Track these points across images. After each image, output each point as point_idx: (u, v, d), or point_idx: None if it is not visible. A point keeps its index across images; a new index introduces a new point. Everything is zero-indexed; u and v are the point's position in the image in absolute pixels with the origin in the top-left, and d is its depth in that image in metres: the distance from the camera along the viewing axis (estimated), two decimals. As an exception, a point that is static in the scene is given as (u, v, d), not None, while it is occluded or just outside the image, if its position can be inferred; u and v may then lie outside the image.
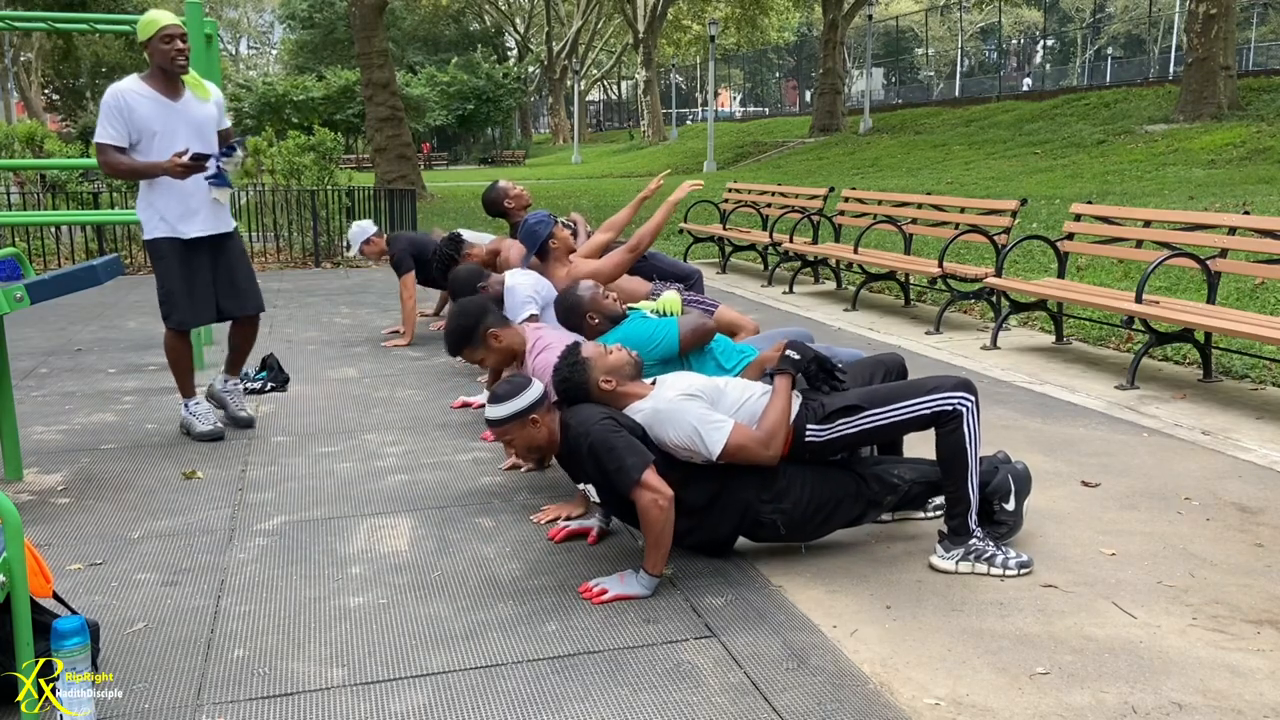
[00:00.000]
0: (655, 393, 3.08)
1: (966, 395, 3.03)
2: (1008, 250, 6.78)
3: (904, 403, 3.05)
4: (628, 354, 3.17)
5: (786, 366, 3.13)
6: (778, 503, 3.05)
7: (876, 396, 3.11)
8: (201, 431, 4.58)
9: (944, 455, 3.05)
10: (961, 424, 3.00)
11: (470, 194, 24.83)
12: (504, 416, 2.97)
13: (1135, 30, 48.34)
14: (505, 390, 3.00)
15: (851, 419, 3.07)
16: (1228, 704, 2.34)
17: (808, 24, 54.29)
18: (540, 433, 3.01)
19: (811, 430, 3.09)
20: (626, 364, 3.13)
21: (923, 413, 3.03)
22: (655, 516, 2.84)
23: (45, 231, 11.52)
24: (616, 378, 3.09)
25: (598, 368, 3.08)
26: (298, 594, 2.99)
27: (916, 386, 3.11)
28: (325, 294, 9.33)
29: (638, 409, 3.03)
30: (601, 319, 3.80)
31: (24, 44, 39.59)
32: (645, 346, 3.60)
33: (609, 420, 2.94)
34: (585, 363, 3.08)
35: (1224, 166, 16.57)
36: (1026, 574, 3.03)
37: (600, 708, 2.36)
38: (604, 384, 3.07)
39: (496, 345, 3.82)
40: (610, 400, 3.08)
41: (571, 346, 3.18)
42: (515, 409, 2.96)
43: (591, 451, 2.88)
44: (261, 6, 69.59)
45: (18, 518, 2.14)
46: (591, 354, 3.11)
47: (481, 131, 50.53)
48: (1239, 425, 4.58)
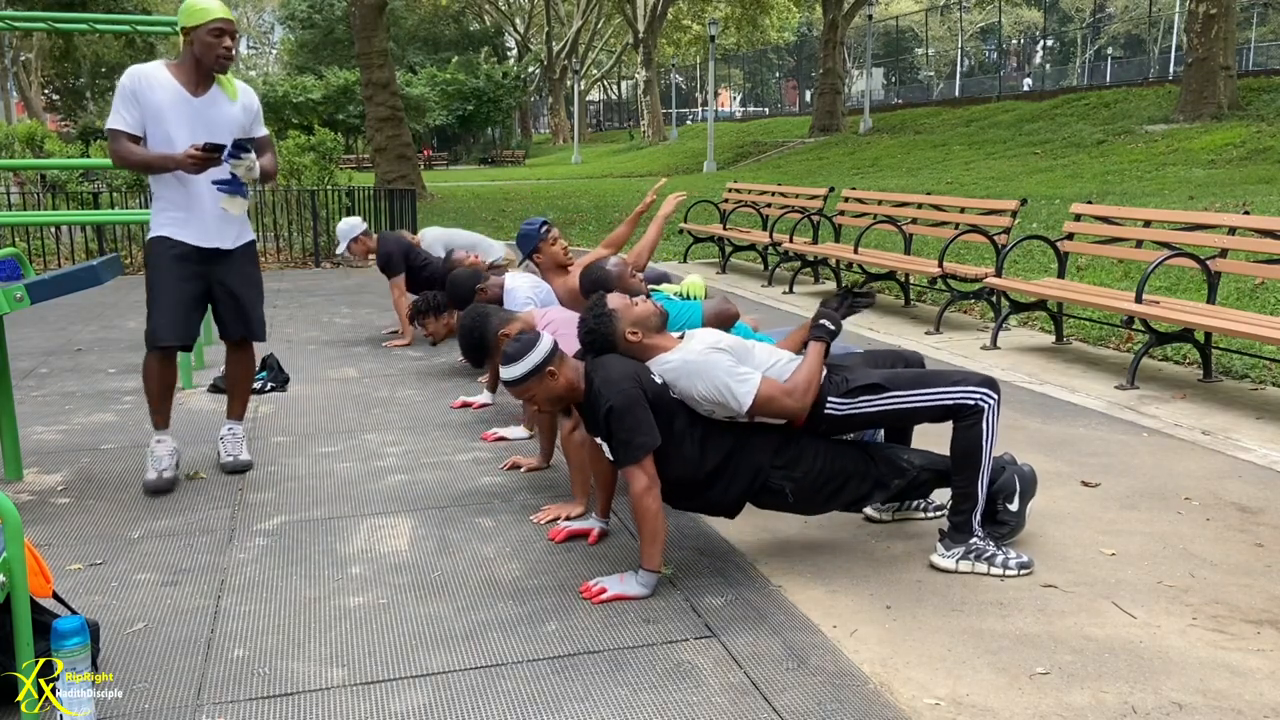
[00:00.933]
0: (683, 345, 3.05)
1: (990, 392, 3.03)
2: (1008, 250, 6.78)
3: (928, 389, 3.05)
4: (654, 305, 3.14)
5: (822, 335, 3.11)
6: (789, 470, 3.03)
7: (901, 380, 3.10)
8: (145, 480, 3.90)
9: (959, 450, 3.04)
10: (981, 420, 3.00)
11: (470, 194, 24.85)
12: (520, 375, 2.95)
13: (1135, 30, 48.34)
14: (516, 349, 2.97)
15: (874, 397, 3.06)
16: (1228, 704, 2.34)
17: (808, 24, 54.31)
18: (559, 384, 2.99)
19: (833, 402, 3.07)
20: (652, 315, 3.10)
21: (945, 402, 3.03)
22: (648, 505, 2.84)
23: (45, 231, 11.52)
24: (643, 329, 3.06)
25: (624, 319, 3.05)
26: (298, 594, 2.99)
27: (942, 376, 3.11)
28: (325, 294, 9.33)
29: (665, 361, 3.01)
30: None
31: (24, 44, 39.57)
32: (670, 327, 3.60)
33: (632, 387, 2.91)
34: (611, 314, 3.05)
35: (1224, 166, 16.57)
36: (1027, 574, 3.03)
37: (600, 708, 2.36)
38: (630, 335, 3.05)
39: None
40: (637, 352, 3.05)
41: (598, 297, 3.14)
42: (529, 366, 2.94)
43: (609, 415, 2.87)
44: (261, 6, 69.55)
45: (18, 518, 2.14)
46: (618, 305, 3.08)
47: (481, 131, 50.55)
48: (1239, 425, 4.58)
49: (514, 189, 26.83)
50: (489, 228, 13.98)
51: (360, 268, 11.07)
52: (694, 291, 3.85)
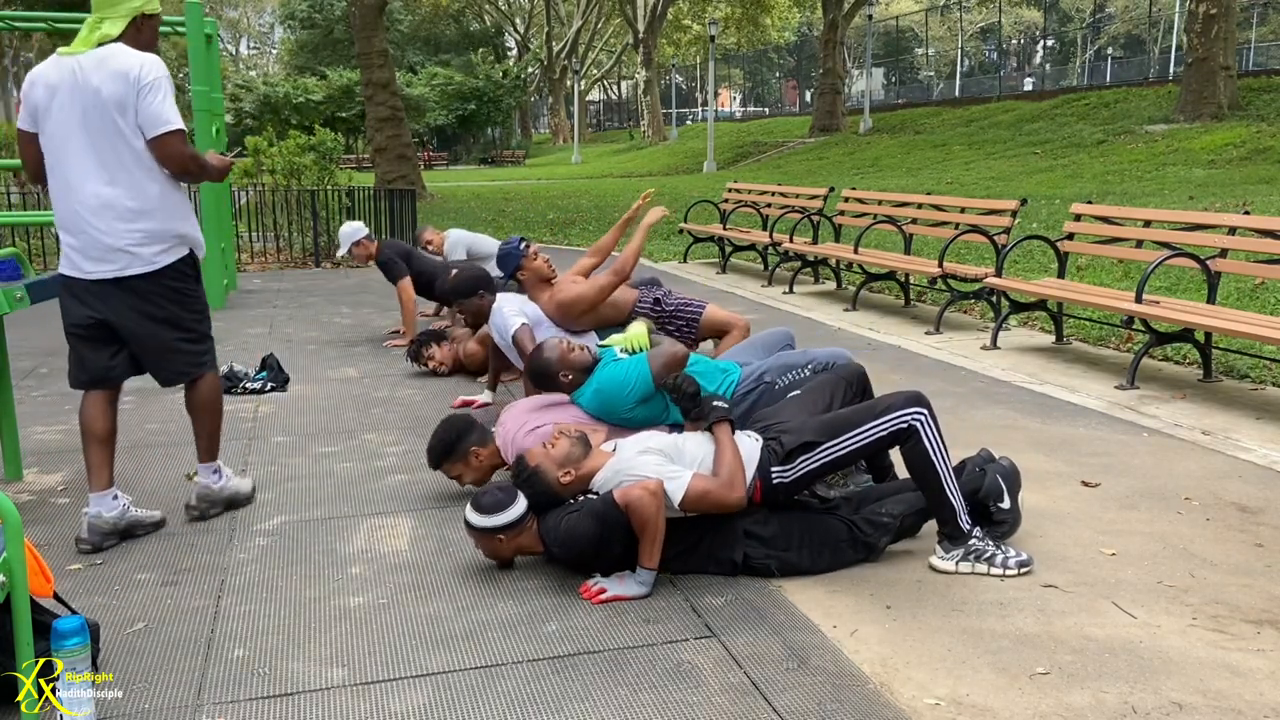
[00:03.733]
0: (615, 457, 3.09)
1: (919, 409, 3.04)
2: (1008, 250, 6.78)
3: (858, 429, 3.07)
4: (569, 434, 3.17)
5: (719, 415, 3.15)
6: (768, 548, 3.06)
7: (831, 427, 3.12)
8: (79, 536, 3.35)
9: (914, 472, 3.07)
10: (920, 438, 3.01)
11: (470, 194, 24.85)
12: (476, 527, 3.02)
13: (1135, 30, 48.35)
14: (487, 503, 3.02)
15: (811, 454, 3.08)
16: (1228, 704, 2.34)
17: (808, 24, 54.29)
18: (507, 548, 3.06)
19: (776, 472, 3.11)
20: (574, 447, 3.12)
21: (881, 434, 3.04)
22: (646, 503, 2.84)
23: (45, 231, 11.51)
24: (572, 466, 3.08)
25: (549, 468, 3.07)
26: (298, 594, 2.99)
27: (868, 410, 3.12)
28: (325, 294, 9.33)
29: (599, 480, 3.05)
30: (574, 373, 3.69)
31: (24, 44, 39.56)
32: (621, 391, 3.57)
33: (568, 515, 2.99)
34: (536, 471, 3.08)
35: (1224, 166, 16.57)
36: (1027, 573, 3.03)
37: (600, 708, 2.36)
38: (564, 479, 3.07)
39: (476, 464, 3.69)
40: (578, 488, 3.09)
41: (517, 462, 3.17)
42: (486, 524, 3.01)
43: (572, 539, 2.93)
44: (261, 7, 69.59)
45: (18, 518, 2.14)
46: (539, 459, 3.09)
47: (481, 131, 50.54)
48: (1239, 425, 4.58)
49: (514, 189, 26.83)
50: (489, 228, 13.98)
51: (360, 268, 11.07)
52: (638, 344, 3.80)
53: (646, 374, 3.55)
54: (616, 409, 3.60)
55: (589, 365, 3.70)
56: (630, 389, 3.56)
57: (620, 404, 3.58)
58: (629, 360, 3.66)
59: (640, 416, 3.61)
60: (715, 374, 3.85)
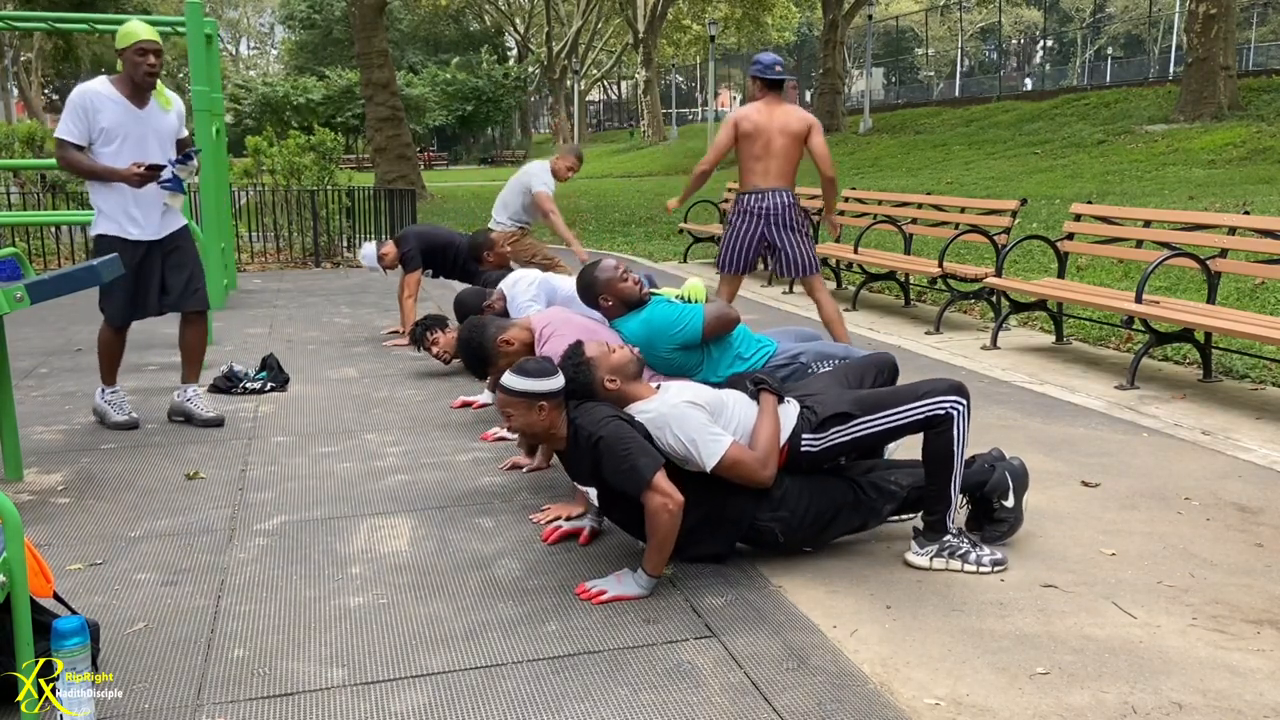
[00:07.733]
0: (660, 396, 3.08)
1: (959, 399, 3.03)
2: (1008, 250, 6.78)
3: (897, 409, 3.06)
4: (630, 352, 3.17)
5: (769, 385, 3.16)
6: (775, 511, 3.05)
7: (868, 403, 3.11)
8: (116, 421, 4.72)
9: (931, 456, 3.05)
10: (952, 427, 3.01)
11: (470, 194, 24.86)
12: (518, 390, 2.95)
13: (1135, 30, 48.33)
14: (533, 368, 2.98)
15: (844, 426, 3.08)
16: (1228, 704, 2.34)
17: (808, 24, 54.27)
18: (541, 422, 2.98)
19: (807, 440, 3.10)
20: (629, 363, 3.12)
21: (916, 418, 3.04)
22: (664, 520, 2.82)
23: (45, 231, 11.52)
24: (621, 377, 3.09)
25: (601, 367, 3.08)
26: (298, 594, 2.99)
27: (909, 391, 3.10)
28: (325, 294, 9.33)
29: (642, 410, 3.02)
30: (615, 302, 3.80)
31: (24, 44, 39.58)
32: (669, 330, 3.64)
33: (620, 420, 2.94)
34: (589, 363, 3.08)
35: (1224, 166, 16.56)
36: (1000, 570, 3.04)
37: (600, 708, 2.36)
38: (608, 384, 3.07)
39: (509, 350, 3.86)
40: (615, 400, 3.08)
41: (574, 346, 3.17)
42: (530, 389, 2.94)
43: (603, 448, 2.86)
44: (261, 7, 69.58)
45: (18, 518, 2.14)
46: (595, 354, 3.10)
47: (482, 132, 50.57)
48: (1239, 425, 4.58)
49: (514, 189, 26.74)
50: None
51: (360, 268, 11.06)
52: (695, 295, 3.85)
53: (699, 322, 3.66)
54: (658, 345, 3.71)
55: (633, 300, 3.83)
56: (679, 330, 3.67)
57: (664, 341, 3.70)
58: (687, 305, 3.77)
59: (676, 361, 3.73)
60: (752, 344, 3.87)
